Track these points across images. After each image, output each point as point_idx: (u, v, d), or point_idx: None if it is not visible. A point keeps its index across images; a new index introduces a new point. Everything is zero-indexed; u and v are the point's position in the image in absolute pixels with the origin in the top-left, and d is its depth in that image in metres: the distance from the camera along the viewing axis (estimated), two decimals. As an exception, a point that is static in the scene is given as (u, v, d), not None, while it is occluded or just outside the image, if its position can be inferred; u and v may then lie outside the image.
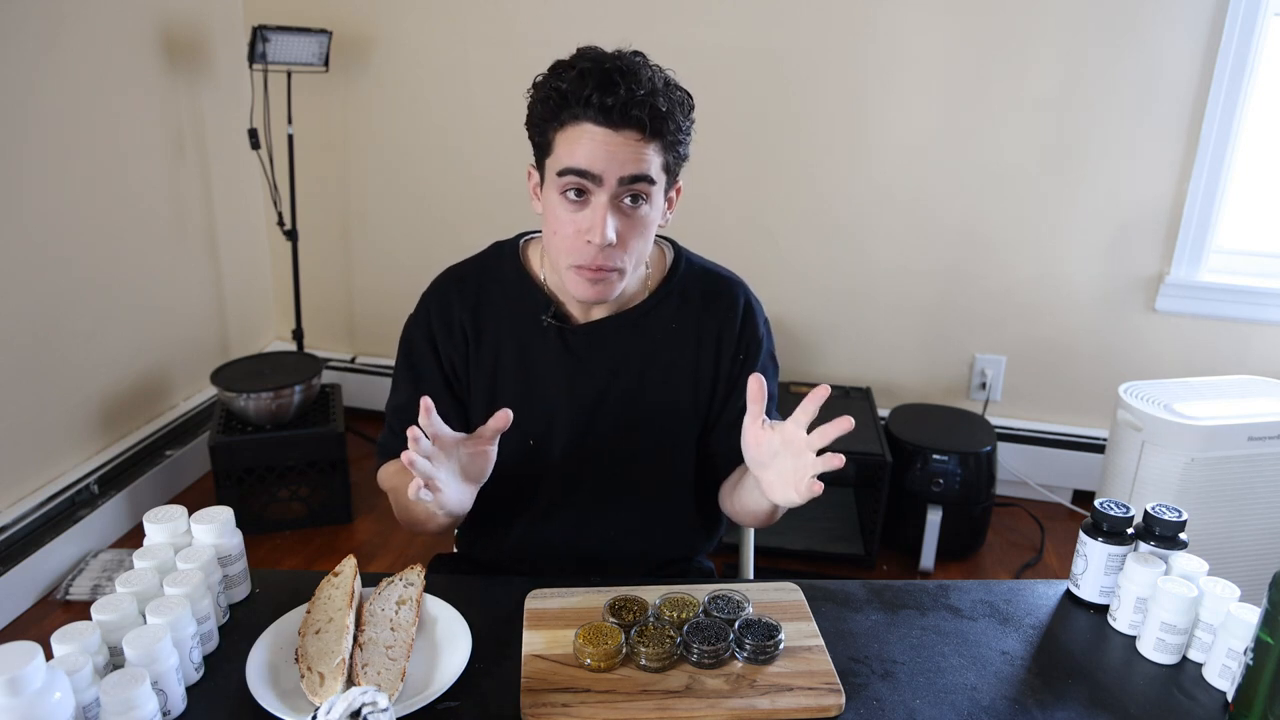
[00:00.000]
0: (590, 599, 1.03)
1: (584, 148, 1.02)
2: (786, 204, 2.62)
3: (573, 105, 1.01)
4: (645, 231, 1.08)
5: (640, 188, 1.04)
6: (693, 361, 1.18)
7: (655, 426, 1.18)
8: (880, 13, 2.40)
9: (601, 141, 1.01)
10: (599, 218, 1.03)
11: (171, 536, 1.01)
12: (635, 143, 1.02)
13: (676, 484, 1.22)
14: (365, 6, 2.66)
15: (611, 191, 1.03)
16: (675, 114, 1.04)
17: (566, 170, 1.03)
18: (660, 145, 1.04)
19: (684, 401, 1.19)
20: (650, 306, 1.18)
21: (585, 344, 1.17)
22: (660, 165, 1.05)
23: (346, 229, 2.93)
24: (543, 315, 1.16)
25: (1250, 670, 0.86)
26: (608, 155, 1.01)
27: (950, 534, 2.33)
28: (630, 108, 1.00)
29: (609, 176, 1.02)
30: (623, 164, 1.02)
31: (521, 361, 1.17)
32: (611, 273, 1.07)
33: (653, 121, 1.01)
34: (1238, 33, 2.21)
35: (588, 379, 1.17)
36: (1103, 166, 2.41)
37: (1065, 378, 2.62)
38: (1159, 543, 1.03)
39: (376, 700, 0.75)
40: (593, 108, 1.00)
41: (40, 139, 2.11)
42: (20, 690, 0.71)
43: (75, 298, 2.25)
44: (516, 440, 1.17)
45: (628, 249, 1.06)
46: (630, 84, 1.00)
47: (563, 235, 1.06)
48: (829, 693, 0.90)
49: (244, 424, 2.42)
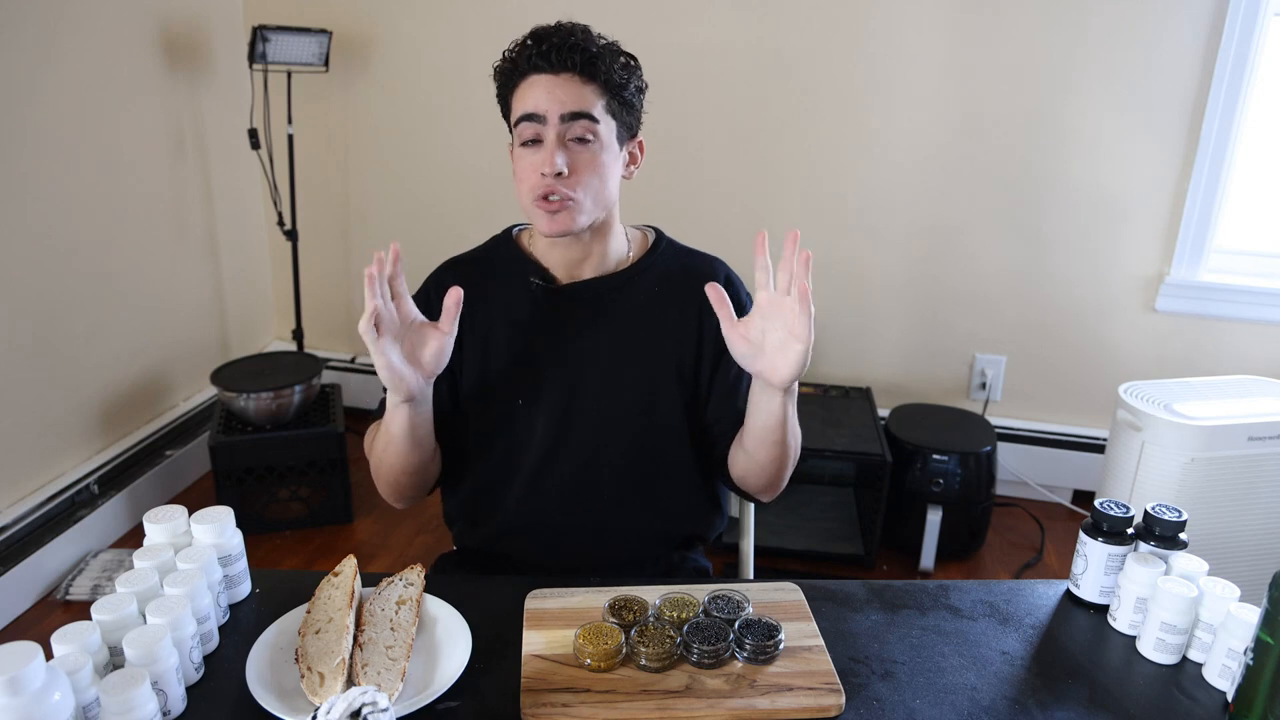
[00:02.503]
0: (590, 599, 1.03)
1: (530, 95, 1.12)
2: (787, 204, 2.62)
3: (520, 66, 1.13)
4: (598, 168, 1.13)
5: (584, 125, 1.11)
6: (676, 323, 1.21)
7: (642, 385, 1.21)
8: (881, 14, 2.40)
9: (544, 86, 1.11)
10: (548, 150, 1.11)
11: (171, 536, 1.01)
12: (574, 83, 1.11)
13: (669, 451, 1.22)
14: (365, 6, 2.66)
15: (557, 129, 1.11)
16: (610, 59, 1.13)
17: (518, 120, 1.13)
18: (599, 87, 1.12)
19: (669, 361, 1.21)
20: (633, 275, 1.23)
21: (570, 301, 1.21)
22: (603, 107, 1.13)
23: (346, 229, 2.93)
24: (531, 279, 1.21)
25: (1250, 670, 0.86)
26: (549, 96, 1.11)
27: (950, 534, 2.33)
28: (565, 51, 1.10)
29: (551, 114, 1.11)
30: (563, 102, 1.10)
31: (511, 327, 1.21)
32: (567, 201, 1.12)
33: (586, 62, 1.11)
34: (1238, 33, 2.21)
35: (574, 337, 1.20)
36: (1103, 166, 2.41)
37: (1065, 378, 2.62)
38: (1159, 543, 1.03)
39: (376, 700, 0.75)
40: (533, 58, 1.11)
41: (40, 139, 2.11)
42: (20, 690, 0.71)
43: (75, 298, 2.25)
44: (506, 402, 1.21)
45: (580, 182, 1.12)
46: (564, 34, 1.11)
47: (524, 177, 1.14)
48: (829, 693, 0.90)
49: (244, 424, 2.42)
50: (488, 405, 1.22)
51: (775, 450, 1.12)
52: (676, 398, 1.21)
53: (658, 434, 1.22)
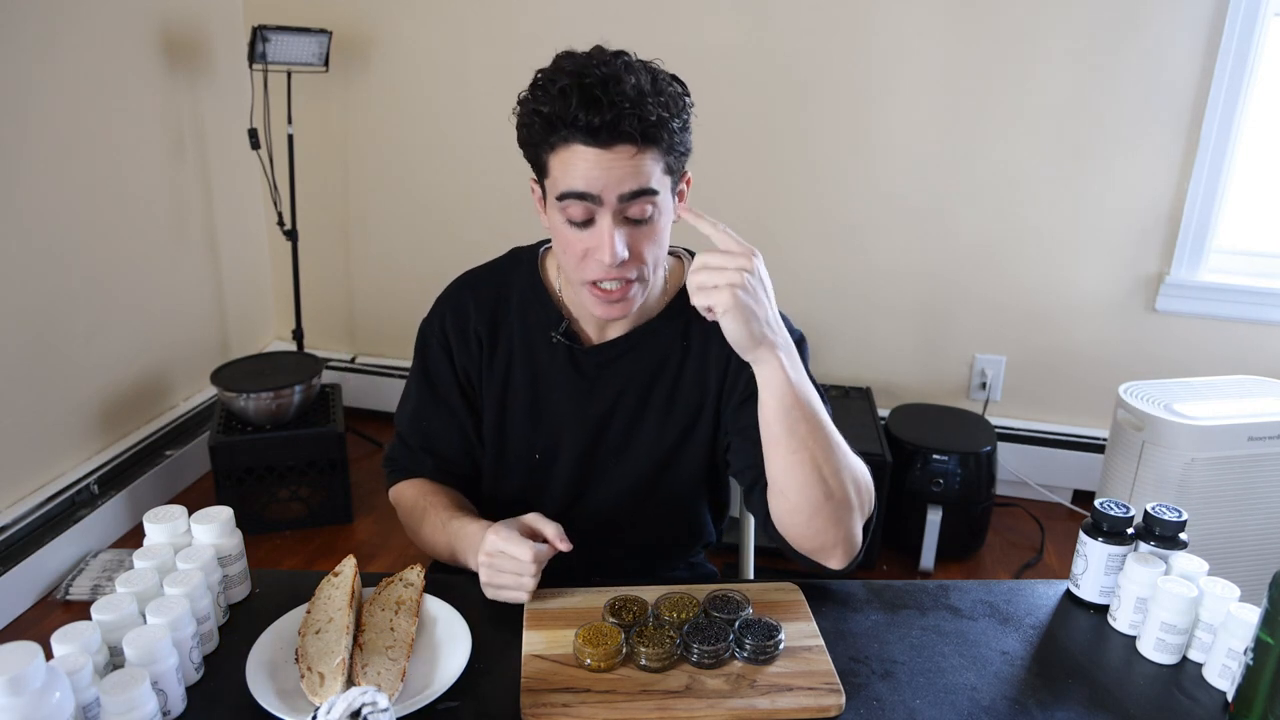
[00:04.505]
0: (590, 599, 1.03)
1: (578, 169, 0.97)
2: (787, 204, 2.62)
3: (560, 128, 0.96)
4: (657, 237, 1.03)
5: (643, 201, 0.99)
6: (701, 376, 1.15)
7: (663, 442, 1.16)
8: (882, 15, 2.40)
9: (595, 161, 0.96)
10: (605, 237, 0.99)
11: (171, 536, 1.01)
12: (631, 157, 0.96)
13: (685, 495, 1.21)
14: (365, 6, 2.66)
15: (614, 209, 0.98)
16: (668, 118, 0.97)
17: (564, 195, 0.98)
18: (658, 152, 0.98)
19: (692, 416, 1.16)
20: (662, 324, 1.15)
21: (595, 365, 1.15)
22: (662, 170, 1.00)
23: (346, 229, 2.93)
24: (553, 333, 1.14)
25: (1250, 670, 0.86)
26: (604, 174, 0.96)
27: (950, 534, 2.33)
28: (619, 123, 0.93)
29: (608, 195, 0.97)
30: (620, 180, 0.96)
31: (531, 376, 1.16)
32: (630, 285, 1.03)
33: (645, 132, 0.95)
34: (1238, 33, 2.21)
35: (596, 400, 1.15)
36: (1103, 166, 2.41)
37: (1065, 378, 2.62)
38: (1159, 543, 1.03)
39: (376, 700, 0.75)
40: (580, 128, 0.94)
41: (40, 139, 2.11)
42: (20, 690, 0.71)
43: (75, 298, 2.25)
44: (522, 453, 1.18)
45: (642, 259, 1.02)
46: (615, 97, 0.93)
47: (573, 254, 1.03)
48: (829, 693, 0.90)
49: (244, 424, 2.42)
50: (503, 452, 1.19)
51: (801, 475, 0.98)
52: (698, 450, 1.17)
53: (676, 484, 1.19)
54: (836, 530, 1.02)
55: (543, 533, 1.03)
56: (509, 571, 1.00)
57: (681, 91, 1.02)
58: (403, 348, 3.00)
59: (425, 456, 1.21)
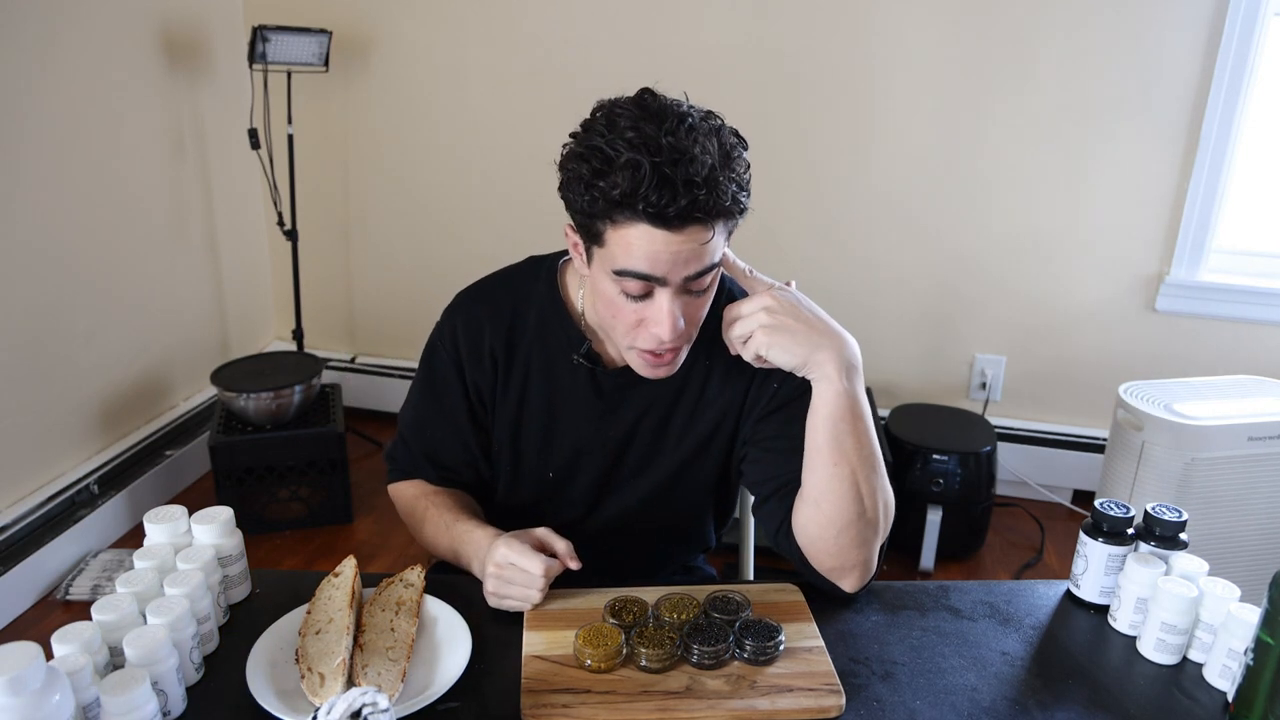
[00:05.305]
0: (590, 600, 1.03)
1: (641, 249, 0.91)
2: (788, 205, 2.62)
3: (625, 207, 0.89)
4: (708, 304, 1.01)
5: (706, 276, 0.96)
6: (723, 393, 1.13)
7: (679, 459, 1.15)
8: (882, 16, 2.40)
9: (663, 245, 0.90)
10: (665, 315, 0.95)
11: (171, 536, 1.01)
12: (699, 237, 0.91)
13: (693, 509, 1.21)
14: (365, 6, 2.66)
15: (676, 287, 0.95)
16: (739, 192, 0.92)
17: (624, 272, 0.93)
18: (722, 225, 0.94)
19: (710, 432, 1.15)
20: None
21: (616, 388, 1.12)
22: (725, 237, 0.96)
23: (346, 229, 2.93)
24: (574, 355, 1.11)
25: (1250, 670, 0.86)
26: (671, 257, 0.91)
27: (950, 534, 2.33)
28: (693, 210, 0.88)
29: (673, 277, 0.93)
30: (687, 263, 0.92)
31: (548, 397, 1.14)
32: (677, 354, 1.02)
33: (717, 211, 0.91)
34: (1238, 33, 2.21)
35: (616, 423, 1.14)
36: (1103, 166, 2.41)
37: (1065, 378, 2.62)
38: (1159, 543, 1.03)
39: (377, 701, 0.75)
40: (649, 215, 0.88)
41: (40, 139, 2.11)
42: (20, 690, 0.71)
43: (75, 298, 2.25)
44: (537, 472, 1.17)
45: (696, 324, 1.01)
46: (687, 179, 0.87)
47: (624, 321, 0.99)
48: (829, 694, 0.90)
49: (244, 424, 2.42)
50: (516, 468, 1.18)
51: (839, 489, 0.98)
52: (712, 465, 1.16)
53: (688, 496, 1.19)
54: (859, 551, 1.03)
55: (554, 548, 1.03)
56: (518, 584, 1.00)
57: (744, 150, 0.96)
58: (403, 348, 3.00)
59: (426, 463, 1.21)
